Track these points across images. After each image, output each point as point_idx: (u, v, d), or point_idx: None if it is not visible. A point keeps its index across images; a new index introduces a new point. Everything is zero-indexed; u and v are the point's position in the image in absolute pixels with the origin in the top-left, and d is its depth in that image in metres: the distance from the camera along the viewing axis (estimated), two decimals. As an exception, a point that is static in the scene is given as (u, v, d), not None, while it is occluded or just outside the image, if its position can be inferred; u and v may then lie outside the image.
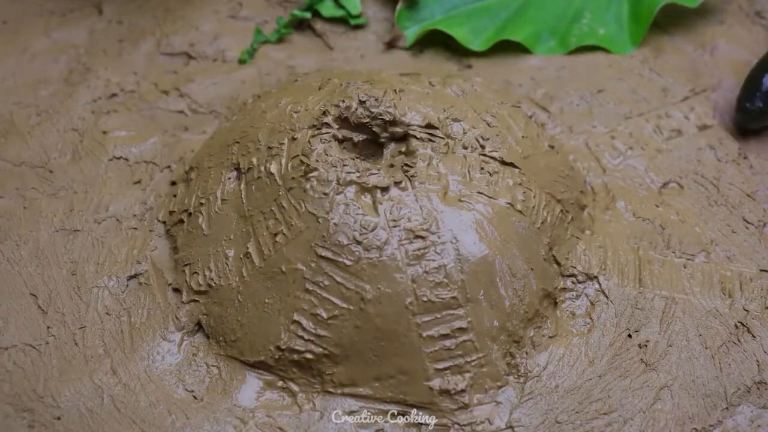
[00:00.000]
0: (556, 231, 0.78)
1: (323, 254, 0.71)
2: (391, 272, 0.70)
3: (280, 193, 0.75)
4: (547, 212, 0.78)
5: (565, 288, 0.77)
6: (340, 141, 0.77)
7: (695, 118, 0.92)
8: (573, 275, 0.77)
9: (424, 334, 0.70)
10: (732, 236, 0.82)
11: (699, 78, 0.96)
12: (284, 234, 0.73)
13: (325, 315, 0.70)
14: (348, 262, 0.71)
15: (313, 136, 0.76)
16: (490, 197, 0.74)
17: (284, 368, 0.71)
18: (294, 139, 0.77)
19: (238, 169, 0.79)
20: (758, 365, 0.73)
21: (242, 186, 0.78)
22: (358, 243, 0.71)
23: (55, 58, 0.99)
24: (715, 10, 1.04)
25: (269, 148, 0.78)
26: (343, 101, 0.78)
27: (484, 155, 0.77)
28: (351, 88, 0.79)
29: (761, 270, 0.79)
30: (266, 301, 0.72)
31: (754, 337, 0.75)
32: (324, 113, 0.77)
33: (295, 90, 0.85)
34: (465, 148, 0.77)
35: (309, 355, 0.71)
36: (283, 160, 0.76)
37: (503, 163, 0.77)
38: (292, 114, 0.80)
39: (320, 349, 0.70)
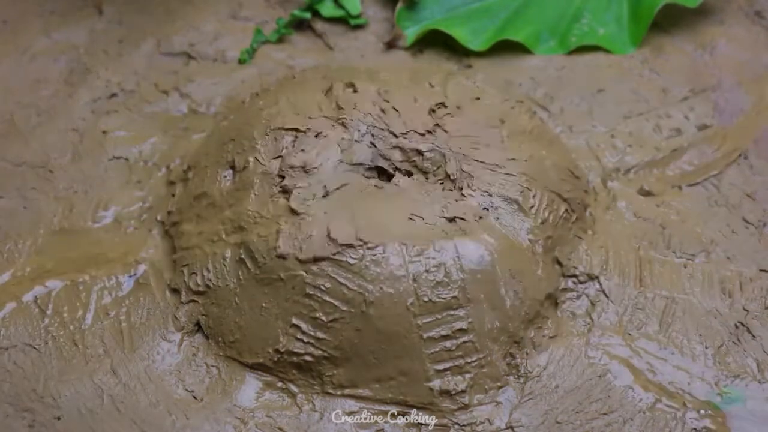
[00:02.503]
0: (559, 231, 0.77)
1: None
2: (393, 270, 0.70)
3: None
4: (549, 212, 0.77)
5: (566, 288, 0.77)
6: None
7: (695, 118, 0.92)
8: (574, 275, 0.77)
9: (425, 336, 0.70)
10: (732, 236, 0.82)
11: (699, 78, 0.96)
12: None
13: (324, 319, 0.70)
14: (351, 261, 0.70)
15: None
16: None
17: (283, 370, 0.71)
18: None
19: (233, 167, 0.79)
20: (758, 365, 0.73)
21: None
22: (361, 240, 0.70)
23: (55, 58, 0.99)
24: (715, 10, 1.04)
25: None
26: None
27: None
28: (359, 99, 0.78)
29: (761, 270, 0.79)
30: (263, 305, 0.72)
31: (754, 337, 0.75)
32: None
33: (294, 87, 0.84)
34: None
35: (308, 358, 0.70)
36: None
37: (503, 163, 0.77)
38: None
39: (320, 352, 0.70)
